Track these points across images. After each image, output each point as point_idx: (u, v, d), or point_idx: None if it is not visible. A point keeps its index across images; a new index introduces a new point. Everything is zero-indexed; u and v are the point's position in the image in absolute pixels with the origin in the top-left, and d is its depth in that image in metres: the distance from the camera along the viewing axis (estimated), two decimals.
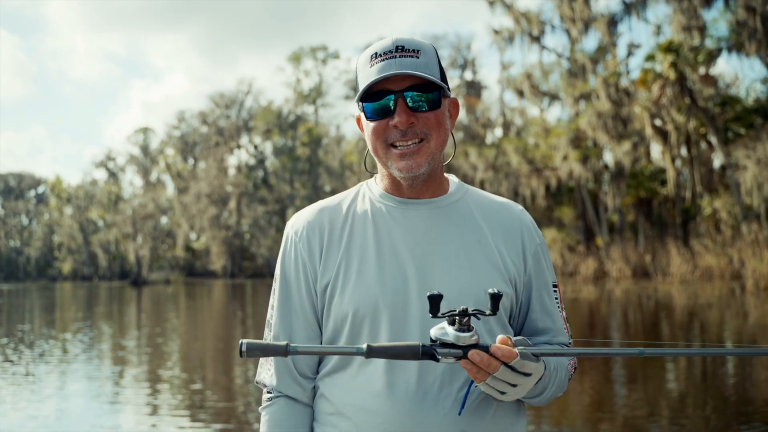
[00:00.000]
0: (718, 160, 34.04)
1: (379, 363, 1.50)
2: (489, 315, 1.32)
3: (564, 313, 1.68)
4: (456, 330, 1.30)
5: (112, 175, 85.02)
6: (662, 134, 31.76)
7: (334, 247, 1.59)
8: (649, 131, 31.70)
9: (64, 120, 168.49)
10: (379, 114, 1.53)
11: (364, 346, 1.30)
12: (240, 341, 1.30)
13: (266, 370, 1.64)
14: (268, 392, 1.63)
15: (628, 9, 34.42)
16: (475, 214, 1.62)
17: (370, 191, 1.66)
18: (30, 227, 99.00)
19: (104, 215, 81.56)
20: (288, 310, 1.62)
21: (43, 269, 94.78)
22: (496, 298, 1.31)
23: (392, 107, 1.51)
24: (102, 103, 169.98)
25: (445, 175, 1.69)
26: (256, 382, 1.67)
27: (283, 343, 1.29)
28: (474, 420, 1.49)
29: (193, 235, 70.02)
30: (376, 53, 1.52)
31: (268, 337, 1.64)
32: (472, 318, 1.32)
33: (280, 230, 62.41)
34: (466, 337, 1.29)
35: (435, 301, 1.31)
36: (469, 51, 53.85)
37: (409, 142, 1.51)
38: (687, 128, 31.00)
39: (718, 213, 30.31)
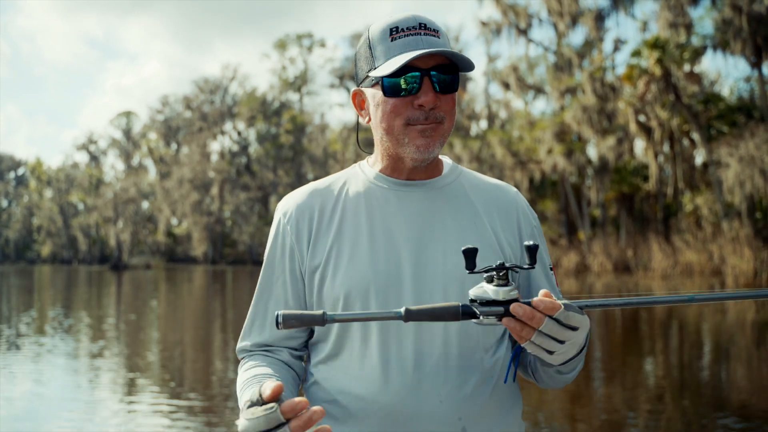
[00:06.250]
0: (700, 158, 34.32)
1: (375, 349, 1.46)
2: (528, 268, 1.24)
3: (560, 294, 1.64)
4: (495, 285, 1.22)
5: (94, 158, 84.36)
6: (646, 130, 31.91)
7: (324, 230, 1.55)
8: (633, 127, 31.82)
9: (38, 101, 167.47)
10: (401, 91, 1.45)
11: (402, 309, 1.21)
12: (276, 312, 1.22)
13: (239, 343, 1.64)
14: (242, 357, 1.62)
15: (615, 4, 34.52)
16: (470, 195, 1.60)
17: (363, 173, 1.62)
18: (9, 209, 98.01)
19: (85, 199, 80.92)
20: (268, 292, 1.60)
21: (22, 252, 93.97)
22: (532, 250, 1.23)
23: (417, 85, 1.44)
24: (76, 85, 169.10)
25: (439, 156, 1.65)
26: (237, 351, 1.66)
27: (319, 312, 1.20)
28: (470, 406, 1.46)
29: (174, 221, 69.72)
30: (397, 27, 1.46)
31: (248, 317, 1.63)
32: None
33: (262, 217, 62.25)
34: (506, 291, 1.21)
35: (471, 255, 1.24)
36: (457, 42, 53.74)
37: (430, 124, 1.47)
38: (670, 125, 31.17)
39: (699, 210, 30.54)
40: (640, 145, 35.43)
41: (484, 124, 50.12)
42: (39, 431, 6.50)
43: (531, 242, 1.23)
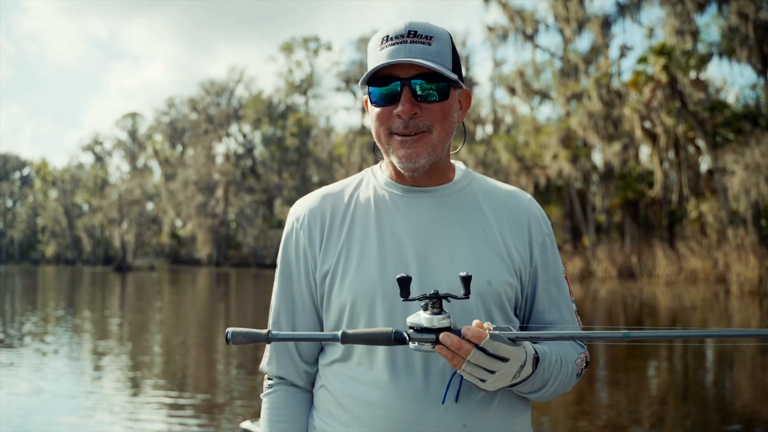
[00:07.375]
0: (705, 164, 34.26)
1: (381, 355, 1.46)
2: (462, 298, 1.30)
3: (574, 305, 1.63)
4: (428, 314, 1.28)
5: (99, 159, 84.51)
6: (651, 137, 31.89)
7: (335, 235, 1.55)
8: (638, 133, 31.82)
9: (43, 101, 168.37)
10: (384, 100, 1.47)
11: (339, 332, 1.31)
12: (226, 330, 1.32)
13: (266, 357, 1.63)
14: (269, 378, 1.63)
15: (622, 11, 34.53)
16: (481, 202, 1.58)
17: (374, 178, 1.62)
18: (14, 209, 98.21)
19: (90, 199, 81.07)
20: (287, 298, 1.60)
21: (26, 252, 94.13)
22: (467, 281, 1.30)
23: (398, 95, 1.45)
24: (80, 85, 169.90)
25: (452, 161, 1.64)
26: (260, 370, 1.65)
27: (264, 330, 1.31)
28: (476, 413, 1.45)
29: (179, 223, 69.74)
30: (387, 36, 1.47)
31: (269, 324, 1.63)
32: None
33: (266, 220, 62.25)
34: (439, 320, 1.27)
35: (404, 283, 1.30)
36: (464, 47, 53.76)
37: (411, 133, 1.46)
38: (676, 131, 31.14)
39: (704, 216, 30.47)
40: (645, 151, 35.44)
41: (489, 128, 50.10)
42: (44, 429, 6.51)
43: (465, 273, 1.30)
